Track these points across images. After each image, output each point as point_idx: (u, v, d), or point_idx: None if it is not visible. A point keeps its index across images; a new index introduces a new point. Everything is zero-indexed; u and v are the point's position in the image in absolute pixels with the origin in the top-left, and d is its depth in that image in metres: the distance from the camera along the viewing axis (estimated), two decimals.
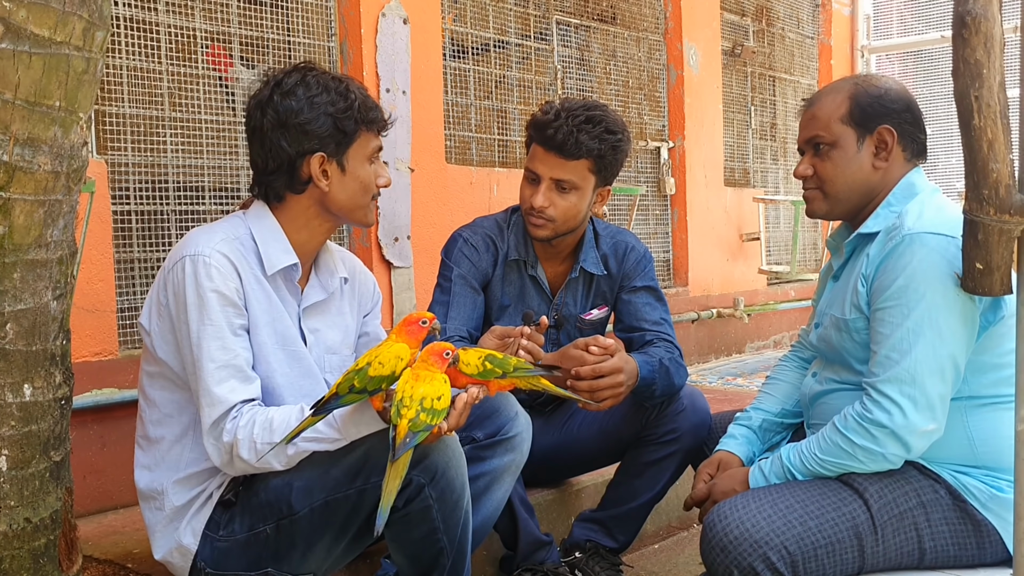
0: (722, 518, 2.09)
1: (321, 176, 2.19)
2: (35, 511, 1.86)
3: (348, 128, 2.19)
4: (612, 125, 2.73)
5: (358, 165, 2.23)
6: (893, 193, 2.24)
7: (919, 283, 2.05)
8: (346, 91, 2.20)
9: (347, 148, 2.21)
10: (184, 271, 2.08)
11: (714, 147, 6.27)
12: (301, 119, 2.15)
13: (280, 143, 2.17)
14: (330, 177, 2.20)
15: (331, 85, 2.19)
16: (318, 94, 2.17)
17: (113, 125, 3.35)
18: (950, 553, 2.12)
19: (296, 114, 2.15)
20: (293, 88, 2.17)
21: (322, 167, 2.19)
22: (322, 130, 2.17)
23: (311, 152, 2.17)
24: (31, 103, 1.71)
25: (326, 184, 2.20)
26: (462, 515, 2.18)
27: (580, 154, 2.69)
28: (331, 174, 2.20)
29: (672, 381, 2.77)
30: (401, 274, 4.20)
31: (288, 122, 2.16)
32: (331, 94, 2.17)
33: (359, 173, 2.23)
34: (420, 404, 1.87)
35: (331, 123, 2.17)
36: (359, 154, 2.23)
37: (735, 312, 6.31)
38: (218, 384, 2.05)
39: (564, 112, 2.70)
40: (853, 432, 2.09)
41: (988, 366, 2.12)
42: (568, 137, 2.67)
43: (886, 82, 2.28)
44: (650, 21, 5.90)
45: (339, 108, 2.17)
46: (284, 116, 2.16)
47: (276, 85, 2.19)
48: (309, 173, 2.19)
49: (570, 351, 2.62)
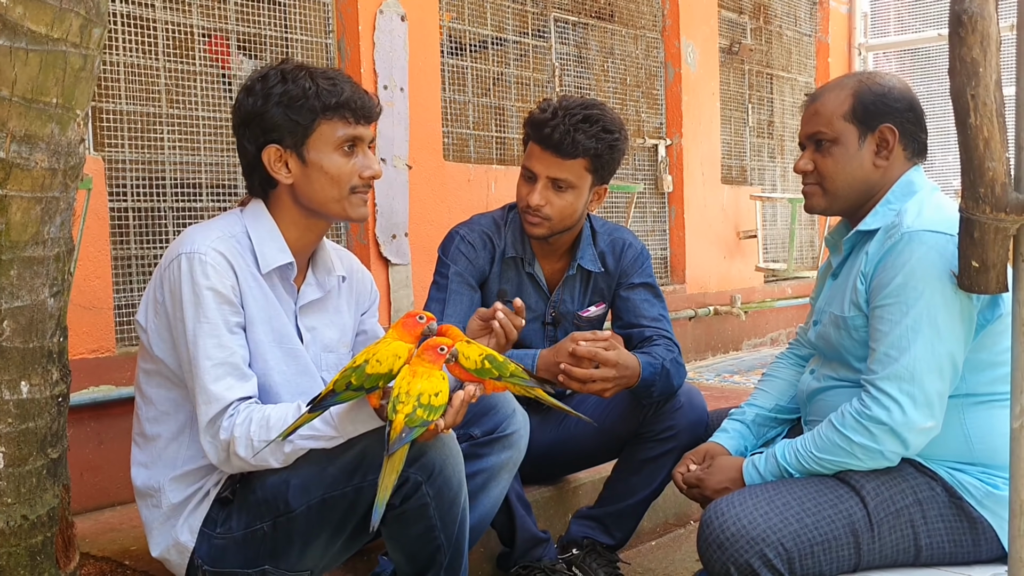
0: (719, 515, 2.10)
1: (280, 169, 2.15)
2: (32, 508, 1.86)
3: (302, 118, 2.12)
4: (609, 124, 2.72)
5: (322, 156, 2.15)
6: (892, 191, 2.24)
7: (918, 281, 2.05)
8: (304, 79, 2.12)
9: (305, 139, 2.14)
10: (180, 269, 2.07)
11: (711, 145, 6.27)
12: (255, 112, 2.13)
13: (243, 142, 2.16)
14: (291, 170, 2.15)
15: (289, 76, 2.13)
16: (273, 86, 2.12)
17: (110, 122, 3.35)
18: (946, 550, 2.13)
19: (251, 109, 2.13)
20: (253, 84, 2.15)
21: (280, 160, 2.14)
22: (275, 121, 2.12)
23: (266, 144, 2.14)
24: (28, 100, 1.70)
25: (287, 177, 2.15)
26: (459, 512, 2.18)
27: (577, 153, 2.68)
28: (292, 167, 2.15)
29: (671, 382, 2.77)
30: (399, 271, 4.20)
31: (247, 118, 2.14)
32: (287, 84, 2.12)
33: (324, 164, 2.15)
34: (417, 400, 1.87)
35: (282, 113, 2.11)
36: (321, 144, 2.14)
37: (732, 309, 6.31)
38: (214, 382, 2.04)
39: (561, 111, 2.69)
40: (851, 429, 2.09)
41: (985, 364, 2.13)
42: (565, 136, 2.66)
43: (890, 80, 2.28)
44: (648, 19, 5.90)
45: (291, 97, 2.11)
46: (244, 114, 2.15)
47: (245, 87, 2.17)
48: (270, 167, 2.16)
49: (566, 344, 2.62)
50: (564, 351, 2.62)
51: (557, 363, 2.63)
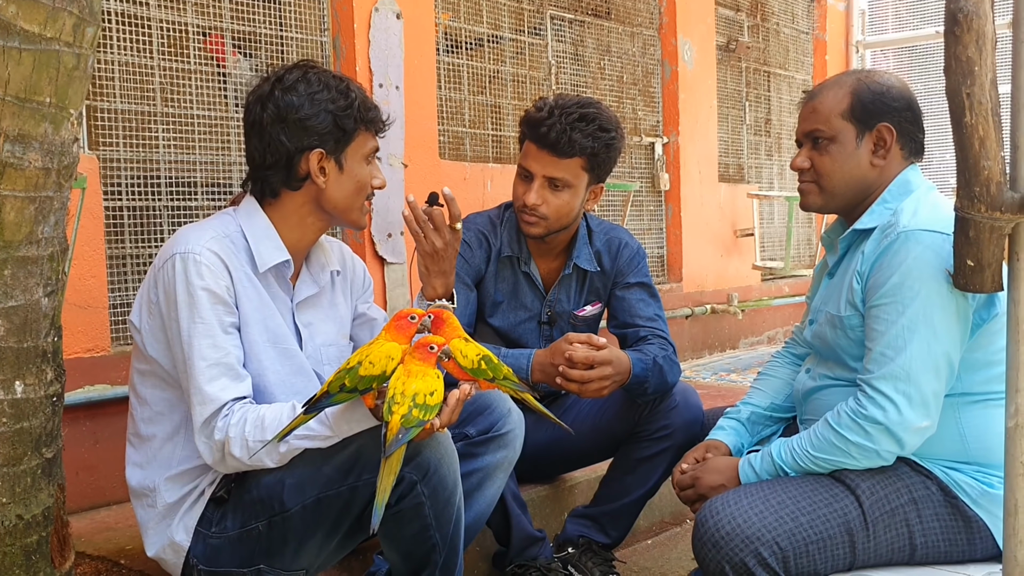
0: (714, 514, 2.10)
1: (319, 173, 2.19)
2: (27, 508, 1.85)
3: (348, 126, 2.19)
4: (606, 123, 2.72)
5: (356, 164, 2.23)
6: (889, 190, 2.24)
7: (914, 280, 2.05)
8: (347, 90, 2.20)
9: (346, 146, 2.21)
10: (174, 269, 2.07)
11: (708, 143, 6.27)
12: (301, 115, 2.15)
13: (279, 138, 2.16)
14: (328, 175, 2.20)
15: (332, 83, 2.19)
16: (319, 91, 2.16)
17: (105, 121, 3.34)
18: (941, 549, 2.13)
19: (296, 109, 2.15)
20: (294, 84, 2.17)
21: (320, 164, 2.18)
22: (322, 127, 2.16)
23: (310, 148, 2.17)
24: (21, 99, 1.70)
25: (323, 181, 2.19)
26: (454, 512, 2.18)
27: (573, 152, 2.68)
28: (329, 171, 2.20)
29: (665, 379, 2.77)
30: (394, 270, 4.20)
31: (288, 117, 2.15)
32: (332, 92, 2.17)
33: (356, 172, 2.23)
34: (412, 400, 1.86)
35: (331, 120, 2.17)
36: (357, 153, 2.23)
37: (729, 308, 6.31)
38: (209, 382, 2.04)
39: (557, 110, 2.69)
40: (847, 428, 2.09)
41: (981, 363, 2.13)
42: (561, 135, 2.66)
43: (888, 79, 2.28)
44: (644, 16, 5.90)
45: (340, 106, 2.17)
46: (284, 111, 2.15)
47: (277, 80, 2.18)
48: (307, 169, 2.18)
49: (561, 345, 2.62)
50: (559, 352, 2.62)
51: (553, 364, 2.63)
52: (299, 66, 2.23)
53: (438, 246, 2.45)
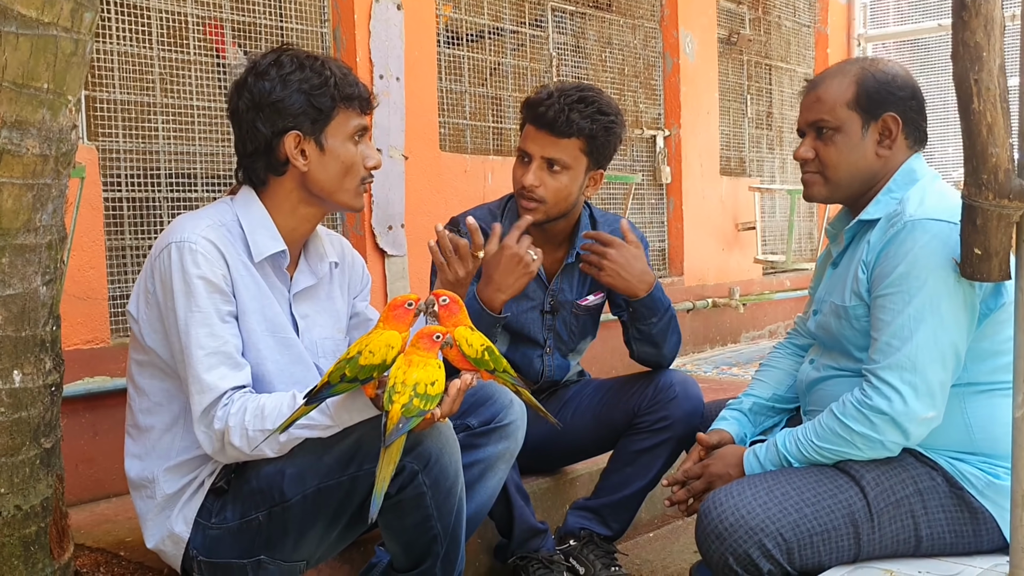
0: (717, 505, 2.09)
1: (298, 155, 2.15)
2: (25, 498, 1.85)
3: (324, 105, 2.15)
4: (604, 107, 2.72)
5: (338, 144, 2.18)
6: (894, 179, 2.23)
7: (921, 270, 2.04)
8: (321, 68, 2.15)
9: (324, 126, 2.16)
10: (170, 258, 2.06)
11: (710, 136, 6.26)
12: (274, 98, 2.12)
13: (256, 124, 2.14)
14: (308, 156, 2.16)
15: (306, 63, 2.15)
16: (291, 72, 2.13)
17: (104, 111, 3.33)
18: (946, 540, 2.12)
19: (268, 93, 2.13)
20: (267, 68, 2.14)
21: (299, 146, 2.15)
22: (295, 107, 2.13)
23: (285, 131, 2.14)
24: (19, 85, 1.69)
25: (304, 164, 2.16)
26: (456, 502, 2.17)
27: (571, 132, 2.68)
28: (309, 153, 2.16)
29: (669, 331, 2.82)
30: (395, 262, 4.19)
31: (262, 102, 2.13)
32: (305, 71, 2.14)
33: (339, 152, 2.18)
34: (413, 389, 1.85)
35: (304, 100, 2.13)
36: (339, 132, 2.18)
37: (730, 302, 6.30)
38: (208, 371, 2.03)
39: (557, 92, 2.71)
40: (852, 419, 2.08)
41: (987, 353, 2.12)
42: (559, 115, 2.66)
43: (892, 67, 2.26)
44: (646, 8, 5.88)
45: (313, 85, 2.13)
46: (258, 97, 2.13)
47: (251, 67, 2.16)
48: (286, 153, 2.15)
49: None
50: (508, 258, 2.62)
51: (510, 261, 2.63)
52: (275, 50, 2.20)
53: (460, 275, 2.46)
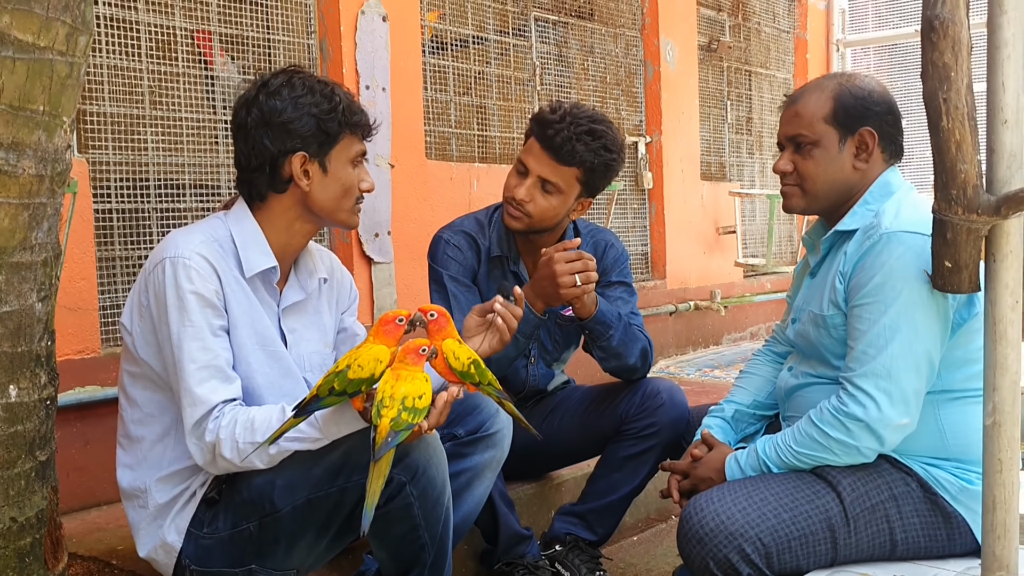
0: (698, 510, 2.13)
1: (302, 175, 2.20)
2: (21, 510, 1.87)
3: (331, 129, 2.20)
4: (611, 143, 2.74)
5: (340, 167, 2.24)
6: (870, 191, 2.27)
7: (896, 281, 2.08)
8: (331, 94, 2.21)
9: (330, 149, 2.22)
10: (164, 273, 2.09)
11: (691, 141, 6.31)
12: (284, 118, 2.17)
13: (263, 141, 2.18)
14: (311, 177, 2.21)
15: (317, 87, 2.21)
16: (303, 95, 2.18)
17: (94, 124, 3.35)
18: (921, 544, 2.16)
19: (280, 113, 2.17)
20: (279, 88, 2.19)
21: (303, 167, 2.20)
22: (305, 130, 2.18)
23: (293, 151, 2.19)
24: (15, 108, 1.72)
25: (307, 184, 2.21)
26: (443, 512, 2.21)
27: (573, 162, 2.71)
28: (312, 174, 2.21)
29: (628, 340, 2.81)
30: (382, 270, 4.22)
31: (272, 121, 2.17)
32: (316, 96, 2.19)
33: (341, 175, 2.24)
34: (401, 403, 1.88)
35: (314, 123, 2.18)
36: (342, 156, 2.24)
37: (712, 304, 6.35)
38: (199, 384, 2.06)
39: (569, 116, 2.71)
40: (828, 425, 2.12)
41: (960, 361, 2.16)
42: (566, 143, 2.68)
43: (869, 83, 2.30)
44: (627, 17, 5.92)
45: (323, 109, 2.19)
46: (268, 115, 2.17)
47: (263, 85, 2.21)
48: (291, 172, 2.20)
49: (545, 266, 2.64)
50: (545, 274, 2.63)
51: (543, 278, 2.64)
52: (286, 71, 2.25)
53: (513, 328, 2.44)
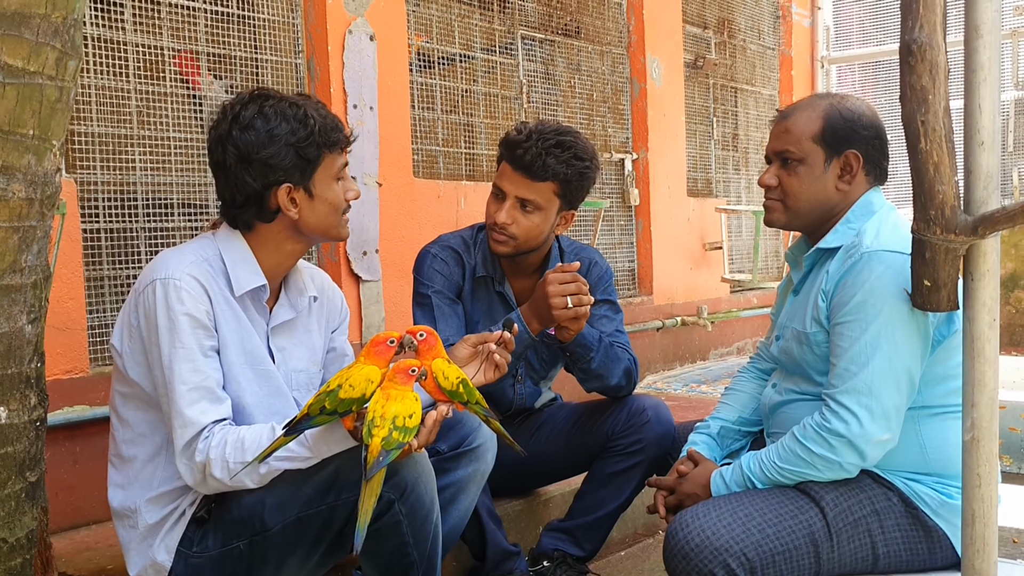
0: (684, 526, 2.14)
1: (290, 205, 2.19)
2: (11, 531, 1.88)
3: (311, 155, 2.18)
4: (581, 152, 2.76)
5: (325, 188, 2.22)
6: (852, 211, 2.30)
7: (876, 299, 2.11)
8: (304, 117, 2.17)
9: (312, 174, 2.20)
10: (155, 294, 2.10)
11: (677, 158, 6.34)
12: (263, 154, 2.14)
13: (244, 178, 2.16)
14: (299, 204, 2.20)
15: (289, 113, 2.17)
16: (276, 125, 2.15)
17: (82, 144, 3.36)
18: (902, 558, 2.19)
19: (257, 148, 2.14)
20: (251, 121, 2.15)
21: (290, 196, 2.19)
22: (285, 162, 2.15)
23: (277, 183, 2.17)
24: (5, 132, 1.74)
25: (295, 212, 2.20)
26: (432, 529, 2.22)
27: (547, 176, 2.73)
28: (300, 201, 2.20)
29: (610, 361, 2.82)
30: (370, 287, 4.24)
31: (250, 157, 2.14)
32: (290, 122, 2.15)
33: (327, 195, 2.23)
34: (392, 423, 1.90)
35: (293, 153, 2.15)
36: (325, 177, 2.22)
37: (699, 320, 6.38)
38: (189, 406, 2.07)
39: (536, 134, 2.74)
40: (811, 441, 2.15)
41: (940, 377, 2.19)
42: (536, 159, 2.71)
43: (859, 106, 2.33)
44: (613, 35, 5.97)
45: (300, 137, 2.15)
46: (245, 151, 2.14)
47: (234, 119, 2.16)
48: (277, 204, 2.19)
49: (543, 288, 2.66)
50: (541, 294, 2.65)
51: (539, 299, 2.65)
52: (254, 99, 2.20)
53: (504, 372, 2.43)
